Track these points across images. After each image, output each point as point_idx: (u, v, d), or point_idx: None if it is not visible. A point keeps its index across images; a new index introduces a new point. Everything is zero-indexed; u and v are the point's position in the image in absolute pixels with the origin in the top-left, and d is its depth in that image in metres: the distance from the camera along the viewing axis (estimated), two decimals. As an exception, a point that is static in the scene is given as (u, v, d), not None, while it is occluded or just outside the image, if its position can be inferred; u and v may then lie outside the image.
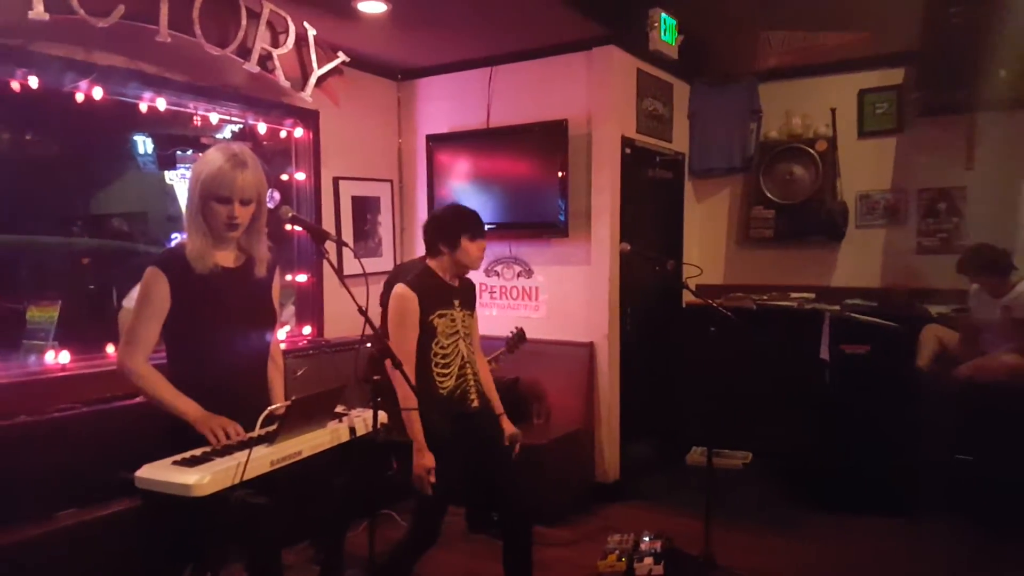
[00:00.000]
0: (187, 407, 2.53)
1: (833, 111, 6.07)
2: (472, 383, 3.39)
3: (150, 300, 2.57)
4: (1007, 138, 5.49)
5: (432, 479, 3.13)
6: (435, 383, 3.30)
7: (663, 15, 5.36)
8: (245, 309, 2.73)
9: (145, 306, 2.58)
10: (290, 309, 5.26)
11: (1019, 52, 4.99)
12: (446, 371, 3.33)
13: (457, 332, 3.38)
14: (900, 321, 5.19)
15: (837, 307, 5.67)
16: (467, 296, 3.51)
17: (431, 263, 3.42)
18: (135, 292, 2.66)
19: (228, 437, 2.47)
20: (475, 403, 3.40)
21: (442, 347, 3.32)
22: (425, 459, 3.14)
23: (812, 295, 6.09)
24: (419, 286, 3.30)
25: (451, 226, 3.39)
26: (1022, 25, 4.96)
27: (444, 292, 3.38)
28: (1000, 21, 4.96)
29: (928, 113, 5.68)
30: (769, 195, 6.23)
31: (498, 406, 3.57)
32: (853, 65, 6.02)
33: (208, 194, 2.59)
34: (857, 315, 5.38)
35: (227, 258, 2.71)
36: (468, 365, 3.39)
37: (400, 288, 3.28)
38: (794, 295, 6.13)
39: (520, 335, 4.98)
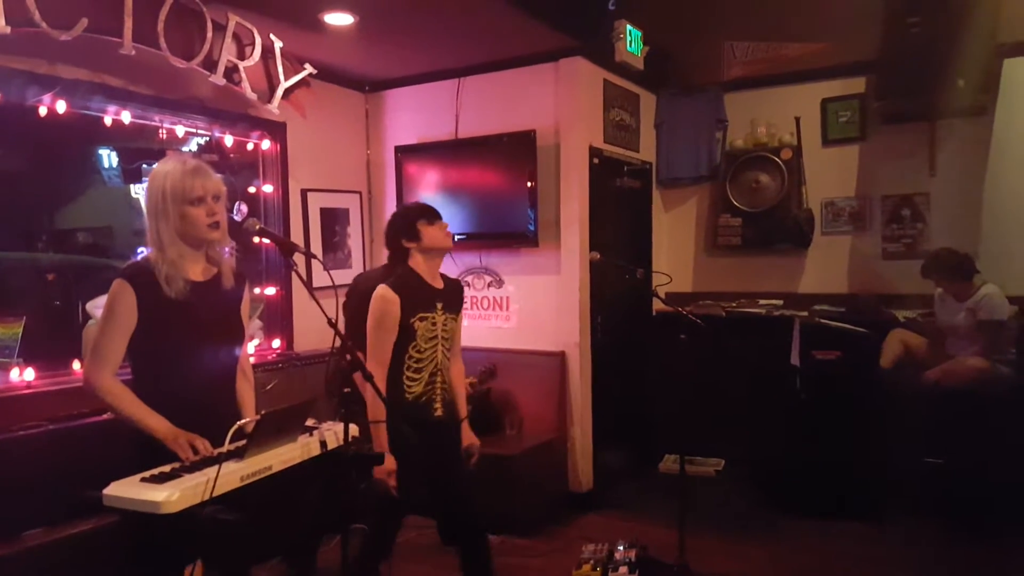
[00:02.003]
0: (157, 423, 2.48)
1: (797, 120, 6.14)
2: (439, 392, 3.36)
3: (117, 314, 2.53)
4: (967, 145, 5.62)
5: (393, 482, 3.12)
6: (403, 387, 3.27)
7: (628, 26, 5.40)
8: (214, 323, 2.70)
9: (111, 320, 2.53)
10: (256, 323, 5.21)
11: (977, 61, 5.10)
12: (417, 376, 3.30)
13: (436, 337, 3.34)
14: (868, 326, 5.25)
15: (805, 313, 5.73)
16: (452, 298, 3.45)
17: (410, 263, 3.38)
18: (101, 300, 2.61)
19: (197, 452, 2.45)
20: (439, 412, 3.36)
21: (419, 351, 3.29)
22: (386, 462, 3.12)
23: (780, 301, 6.15)
24: (402, 287, 3.26)
25: (405, 219, 3.38)
26: (979, 35, 5.07)
27: (427, 294, 3.34)
28: (958, 31, 5.06)
29: (890, 121, 5.78)
30: (736, 203, 6.29)
31: (462, 410, 3.54)
32: (816, 75, 6.12)
33: (181, 200, 2.55)
34: (827, 321, 5.44)
35: (196, 271, 2.68)
36: (440, 373, 3.36)
37: (382, 289, 3.24)
38: (763, 302, 6.19)
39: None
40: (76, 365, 4.03)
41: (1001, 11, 5.13)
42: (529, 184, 5.40)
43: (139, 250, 4.86)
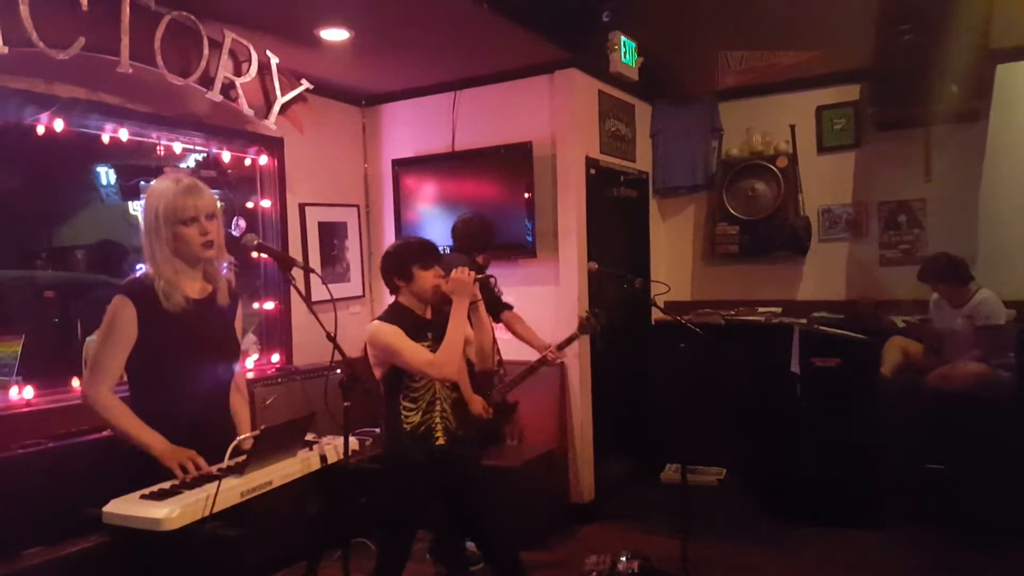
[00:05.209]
0: (153, 440, 2.48)
1: (792, 128, 6.16)
2: (439, 420, 3.31)
3: (117, 329, 2.53)
4: (962, 150, 5.64)
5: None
6: (400, 417, 3.26)
7: (623, 38, 5.44)
8: (210, 340, 2.70)
9: (111, 335, 2.54)
10: (250, 337, 5.18)
11: (969, 67, 5.11)
12: (413, 405, 3.27)
13: None
14: (866, 333, 5.25)
15: (804, 320, 5.73)
16: (443, 328, 3.33)
17: (400, 299, 3.37)
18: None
19: (198, 469, 2.44)
20: (440, 441, 3.31)
21: (414, 380, 3.25)
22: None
23: (779, 309, 6.15)
24: (393, 320, 3.24)
25: (402, 258, 3.33)
26: (971, 41, 5.09)
27: (417, 324, 3.30)
28: (950, 38, 5.08)
29: (885, 128, 5.80)
30: (733, 211, 6.30)
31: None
32: (810, 83, 6.14)
33: (174, 220, 2.57)
34: (826, 328, 5.44)
35: (194, 288, 2.68)
36: (439, 402, 3.31)
37: (376, 324, 3.24)
38: (761, 310, 6.19)
39: (591, 320, 4.69)
40: (75, 382, 4.01)
41: (993, 17, 5.15)
42: (526, 195, 5.42)
43: (138, 266, 4.86)
